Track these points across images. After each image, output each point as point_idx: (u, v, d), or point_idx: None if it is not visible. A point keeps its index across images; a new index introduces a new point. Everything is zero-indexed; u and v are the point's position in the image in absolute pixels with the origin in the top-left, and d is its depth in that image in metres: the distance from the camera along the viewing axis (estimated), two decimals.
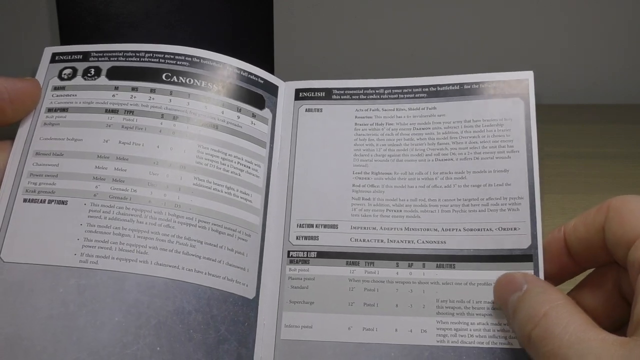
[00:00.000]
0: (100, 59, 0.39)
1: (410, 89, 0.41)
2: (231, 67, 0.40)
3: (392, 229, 0.38)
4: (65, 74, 0.38)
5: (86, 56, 0.39)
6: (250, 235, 0.37)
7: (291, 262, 0.38)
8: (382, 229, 0.38)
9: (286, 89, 0.42)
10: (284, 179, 0.40)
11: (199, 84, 0.39)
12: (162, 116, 0.37)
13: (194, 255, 0.35)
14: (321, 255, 0.38)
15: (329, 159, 0.40)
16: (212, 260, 0.36)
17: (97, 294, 0.33)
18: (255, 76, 0.40)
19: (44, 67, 0.39)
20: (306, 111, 0.41)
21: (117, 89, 0.38)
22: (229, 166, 0.38)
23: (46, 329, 0.32)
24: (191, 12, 0.58)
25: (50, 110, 0.37)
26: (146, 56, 0.39)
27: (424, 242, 0.37)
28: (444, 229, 0.37)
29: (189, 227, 0.36)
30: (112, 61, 0.39)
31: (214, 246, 0.36)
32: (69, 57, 0.39)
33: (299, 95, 0.42)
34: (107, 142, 0.36)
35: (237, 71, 0.40)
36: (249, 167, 0.39)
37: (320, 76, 0.42)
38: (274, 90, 0.41)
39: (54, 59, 0.39)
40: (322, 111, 0.41)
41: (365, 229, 0.38)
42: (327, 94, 0.42)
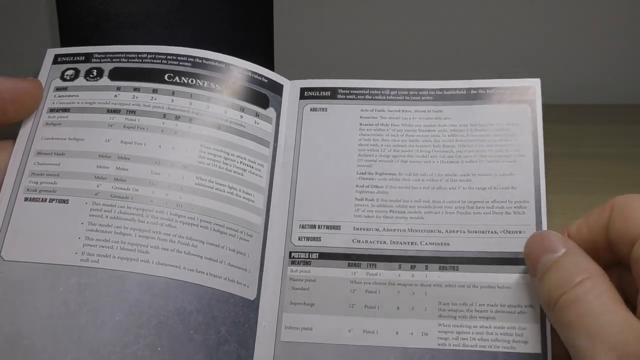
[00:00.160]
0: (102, 60, 0.39)
1: (416, 92, 0.40)
2: (234, 67, 0.40)
3: (395, 230, 0.38)
4: (67, 75, 0.38)
5: (88, 57, 0.39)
6: (252, 235, 0.37)
7: (293, 263, 0.38)
8: (385, 230, 0.38)
9: (291, 88, 0.42)
10: (287, 178, 0.40)
11: (201, 84, 0.39)
12: (164, 116, 0.37)
13: (195, 255, 0.35)
14: (323, 256, 0.38)
15: (333, 159, 0.40)
16: (214, 260, 0.36)
17: (98, 293, 0.33)
18: (259, 75, 0.40)
19: (46, 68, 0.39)
20: (311, 110, 0.41)
21: (119, 89, 0.38)
22: (231, 166, 0.38)
23: (46, 328, 0.32)
24: (191, 12, 0.58)
25: (52, 110, 0.37)
26: (148, 57, 0.39)
27: (427, 243, 0.37)
28: (447, 231, 0.37)
29: (191, 226, 0.36)
30: (115, 62, 0.39)
31: (216, 246, 0.36)
32: (71, 58, 0.39)
33: (304, 94, 0.42)
34: (108, 141, 0.36)
35: (240, 71, 0.40)
36: (252, 167, 0.39)
37: (321, 77, 0.42)
38: (278, 89, 0.41)
39: (56, 60, 0.39)
40: (326, 111, 0.41)
41: (367, 230, 0.38)
42: (333, 94, 0.41)
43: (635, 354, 0.27)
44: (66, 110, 0.37)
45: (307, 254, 0.38)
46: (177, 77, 0.38)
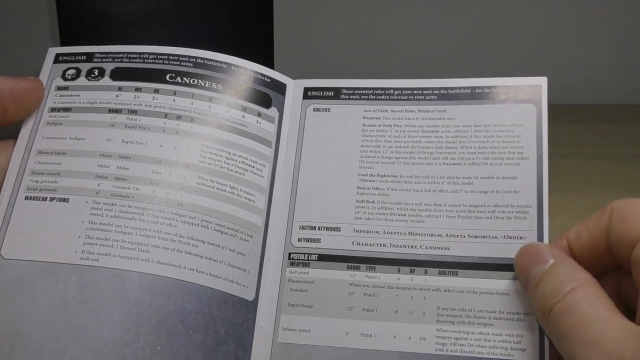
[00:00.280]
0: (104, 60, 0.39)
1: (420, 91, 0.40)
2: (236, 67, 0.40)
3: (395, 233, 0.37)
4: (68, 75, 0.38)
5: (90, 57, 0.39)
6: (252, 236, 0.37)
7: (292, 264, 0.38)
8: (385, 233, 0.37)
9: (295, 87, 0.42)
10: (288, 179, 0.40)
11: (202, 84, 0.39)
12: (166, 116, 0.37)
13: (195, 255, 0.35)
14: (322, 258, 0.38)
15: (335, 160, 0.40)
16: (214, 260, 0.36)
17: (98, 292, 0.33)
18: (262, 75, 0.40)
19: (47, 68, 0.39)
20: (314, 111, 0.41)
21: (120, 89, 0.38)
22: (232, 165, 0.38)
23: (46, 327, 0.32)
24: (191, 12, 0.58)
25: (53, 109, 0.37)
26: (150, 57, 0.39)
27: (427, 247, 0.37)
28: (448, 235, 0.37)
29: (192, 226, 0.36)
30: (116, 62, 0.39)
31: (216, 246, 0.36)
32: (73, 57, 0.39)
33: (307, 94, 0.41)
34: (110, 141, 0.36)
35: (242, 70, 0.40)
36: (254, 167, 0.39)
37: (321, 77, 0.42)
38: (281, 88, 0.41)
39: (58, 59, 0.39)
40: (330, 111, 0.41)
41: (367, 232, 0.38)
42: (336, 94, 0.41)
43: None
44: (67, 109, 0.37)
45: (307, 256, 0.38)
46: (178, 77, 0.38)
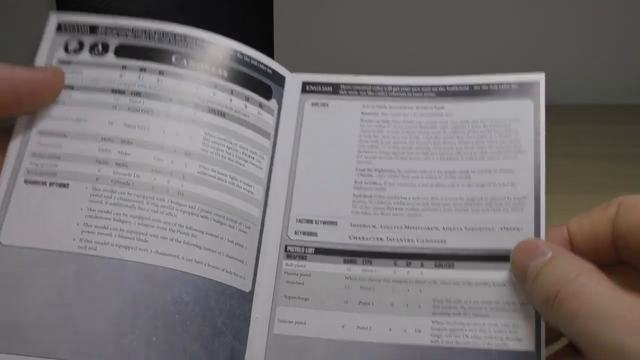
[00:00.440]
0: (108, 34, 0.38)
1: (419, 88, 0.40)
2: (241, 54, 0.39)
3: (392, 227, 0.37)
4: (71, 48, 0.37)
5: (94, 30, 0.38)
6: (249, 227, 0.37)
7: (288, 257, 0.38)
8: (381, 227, 0.38)
9: (293, 81, 0.41)
10: (285, 172, 0.39)
11: (208, 69, 0.38)
12: (170, 100, 0.37)
13: (194, 245, 0.35)
14: (319, 251, 0.38)
15: (333, 155, 0.39)
16: (212, 251, 0.35)
17: (95, 282, 0.33)
18: (264, 65, 0.40)
19: (49, 37, 0.37)
20: (312, 105, 0.41)
21: (124, 68, 0.37)
22: (233, 156, 0.37)
23: (42, 317, 0.32)
24: (191, 12, 0.57)
25: None
26: (156, 36, 0.38)
27: (423, 240, 0.37)
28: (444, 228, 0.37)
29: (191, 216, 0.35)
30: (121, 38, 0.37)
31: (215, 237, 0.36)
32: (76, 28, 0.38)
33: (306, 88, 0.41)
34: (112, 124, 0.36)
35: (247, 59, 0.39)
36: (253, 158, 0.38)
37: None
38: (281, 81, 0.40)
39: (60, 28, 0.38)
40: (328, 106, 0.41)
41: (364, 226, 0.38)
42: (335, 89, 0.41)
43: None
44: (70, 87, 0.36)
45: (303, 249, 0.38)
46: (184, 60, 0.37)
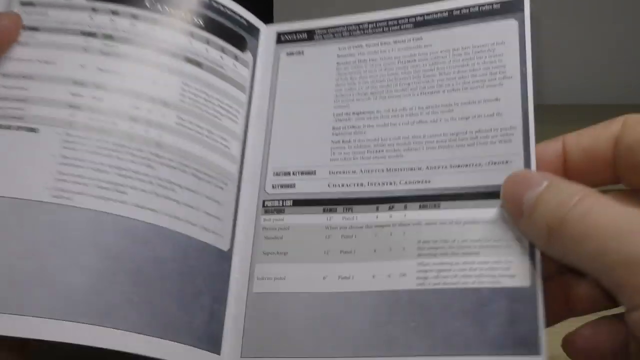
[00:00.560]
0: None
1: (395, 21, 0.38)
2: (217, 2, 0.37)
3: (372, 171, 0.35)
4: None
5: None
6: (227, 184, 0.35)
7: (266, 212, 0.36)
8: (362, 172, 0.36)
9: (267, 32, 0.40)
10: (262, 126, 0.38)
11: (184, 16, 0.36)
12: (145, 46, 0.34)
13: (173, 200, 0.33)
14: (297, 203, 0.36)
15: (309, 104, 0.38)
16: (191, 207, 0.33)
17: (71, 234, 0.30)
18: (239, 16, 0.38)
19: None
20: (287, 55, 0.39)
21: (94, 10, 0.34)
22: (210, 108, 0.36)
23: (13, 270, 0.29)
24: None
25: None
26: None
27: (406, 182, 0.35)
28: (428, 167, 0.35)
29: (170, 169, 0.33)
30: None
31: (193, 192, 0.34)
32: None
33: (281, 38, 0.40)
34: (83, 67, 0.33)
35: (222, 8, 0.37)
36: (229, 112, 0.36)
37: None
38: (255, 33, 0.39)
39: None
40: (303, 54, 0.39)
41: (344, 173, 0.36)
42: (310, 35, 0.39)
43: None
44: (34, 29, 0.33)
45: (281, 202, 0.36)
46: (158, 5, 0.35)
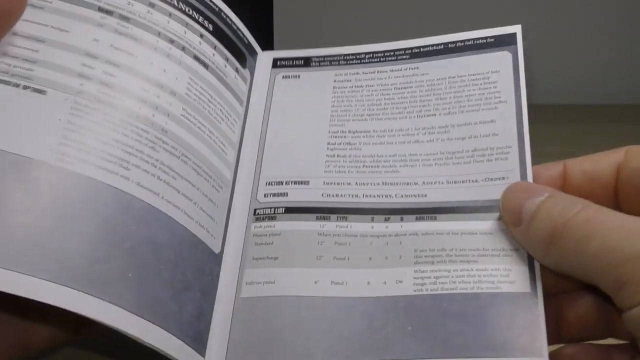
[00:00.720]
0: None
1: (392, 52, 0.39)
2: (226, 16, 0.38)
3: (367, 184, 0.35)
4: None
5: None
6: (222, 187, 0.35)
7: (257, 219, 0.35)
8: (357, 184, 0.35)
9: (265, 57, 0.40)
10: (255, 141, 0.37)
11: (196, 17, 0.36)
12: (159, 35, 0.34)
13: (173, 187, 0.32)
14: (289, 210, 0.35)
15: (304, 121, 0.38)
16: (189, 199, 0.32)
17: (71, 198, 0.28)
18: (242, 34, 0.39)
19: None
20: (283, 78, 0.39)
21: None
22: (212, 110, 0.35)
23: (7, 228, 0.26)
24: None
25: None
26: None
27: (402, 196, 0.34)
28: (424, 182, 0.34)
29: (172, 156, 0.32)
30: None
31: (192, 185, 0.33)
32: None
33: (277, 63, 0.40)
34: (97, 41, 0.32)
35: (230, 22, 0.38)
36: (229, 119, 0.36)
37: None
38: (254, 54, 0.40)
39: None
40: (299, 77, 0.39)
41: (338, 184, 0.35)
42: (306, 62, 0.40)
43: None
44: None
45: (272, 209, 0.35)
46: (175, 0, 0.35)
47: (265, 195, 0.36)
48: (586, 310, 0.32)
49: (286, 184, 0.36)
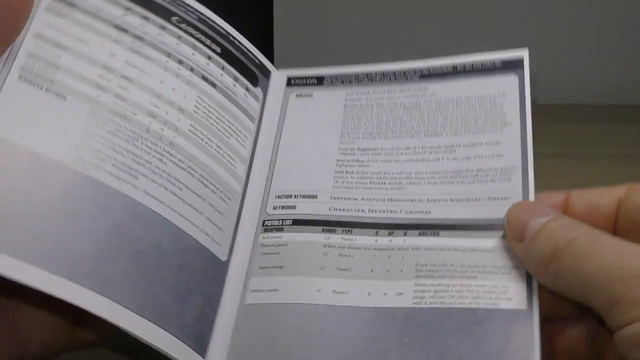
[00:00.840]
0: None
1: (402, 72, 0.40)
2: (234, 38, 0.40)
3: (373, 200, 0.36)
4: None
5: None
6: (230, 199, 0.36)
7: (265, 230, 0.36)
8: (363, 199, 0.36)
9: (278, 75, 0.42)
10: (267, 156, 0.39)
11: (204, 40, 0.38)
12: (169, 55, 0.36)
13: (179, 197, 0.33)
14: (297, 222, 0.36)
15: (315, 139, 0.39)
16: (195, 209, 0.34)
17: (83, 201, 0.30)
18: (253, 55, 0.40)
19: None
20: (296, 97, 0.41)
21: (128, 10, 0.35)
22: (220, 126, 0.37)
23: (23, 222, 0.28)
24: None
25: None
26: None
27: (407, 212, 0.35)
28: (429, 200, 0.35)
29: (179, 168, 0.34)
30: None
31: (198, 196, 0.34)
32: None
33: (291, 82, 0.41)
34: (113, 56, 0.34)
35: (238, 44, 0.40)
36: (238, 135, 0.38)
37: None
38: (267, 73, 0.41)
39: None
40: (312, 96, 0.41)
41: (345, 199, 0.36)
42: (319, 81, 0.41)
43: None
44: (72, 5, 0.33)
45: (281, 221, 0.36)
46: (184, 24, 0.37)
47: (274, 207, 0.37)
48: (577, 339, 0.33)
49: (295, 197, 0.37)
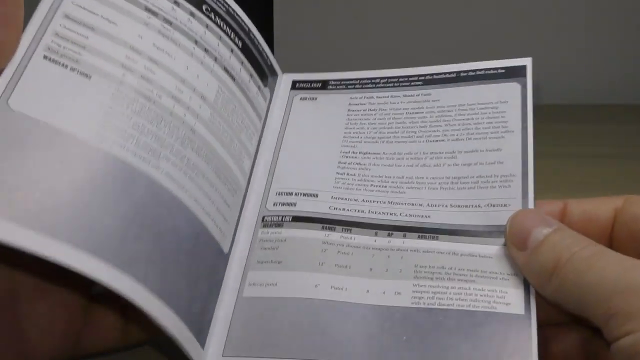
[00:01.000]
0: None
1: (406, 78, 0.40)
2: (254, 36, 0.40)
3: (374, 201, 0.36)
4: None
5: None
6: (236, 192, 0.36)
7: (265, 225, 0.36)
8: (364, 201, 0.37)
9: (285, 78, 0.42)
10: (269, 154, 0.39)
11: (229, 33, 0.38)
12: (196, 43, 0.36)
13: (197, 184, 0.33)
14: (296, 219, 0.36)
15: (317, 140, 0.39)
16: (209, 198, 0.34)
17: (107, 178, 0.29)
18: (266, 55, 0.41)
19: None
20: (301, 100, 0.41)
21: None
22: (235, 119, 0.37)
23: (47, 198, 0.27)
24: None
25: None
26: None
27: (407, 215, 0.35)
28: (429, 205, 0.36)
29: (198, 155, 0.34)
30: None
31: (212, 186, 0.34)
32: None
33: (296, 85, 0.42)
34: (141, 38, 0.33)
35: (257, 42, 0.40)
36: (248, 130, 0.38)
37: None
38: (275, 75, 0.42)
39: None
40: (316, 99, 0.41)
41: (346, 199, 0.37)
42: (323, 85, 0.42)
43: None
44: None
45: (280, 217, 0.36)
46: (212, 14, 0.37)
47: (274, 204, 0.37)
48: (573, 346, 0.34)
49: (295, 195, 0.37)
